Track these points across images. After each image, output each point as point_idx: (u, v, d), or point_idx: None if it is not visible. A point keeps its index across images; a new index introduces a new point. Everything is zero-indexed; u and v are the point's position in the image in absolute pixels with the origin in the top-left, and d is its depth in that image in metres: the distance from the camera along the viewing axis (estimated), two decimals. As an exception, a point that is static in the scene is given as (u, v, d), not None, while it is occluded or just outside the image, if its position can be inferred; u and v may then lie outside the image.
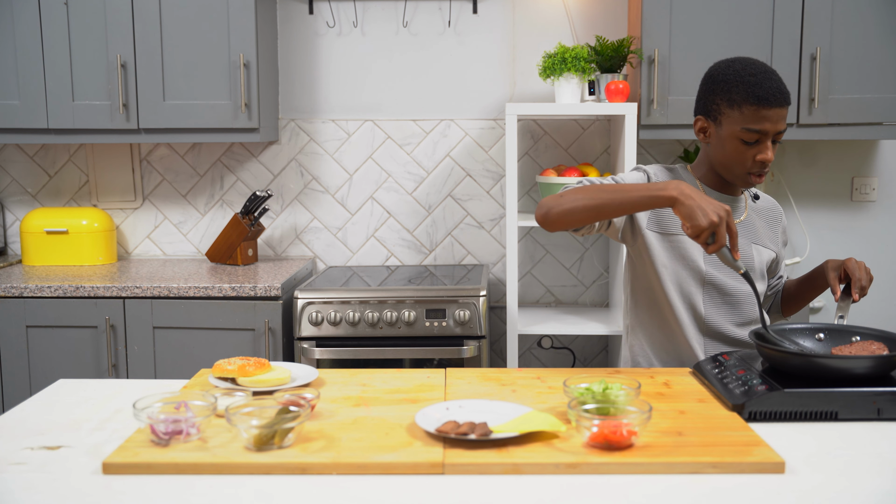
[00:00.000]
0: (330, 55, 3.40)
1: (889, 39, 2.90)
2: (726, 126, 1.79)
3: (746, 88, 1.75)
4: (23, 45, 3.03)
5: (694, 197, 1.57)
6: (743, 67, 1.78)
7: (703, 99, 1.85)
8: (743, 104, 1.75)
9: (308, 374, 1.69)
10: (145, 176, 3.48)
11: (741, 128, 1.76)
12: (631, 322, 1.98)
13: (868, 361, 1.52)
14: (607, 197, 1.66)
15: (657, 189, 1.61)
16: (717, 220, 1.55)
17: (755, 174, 1.80)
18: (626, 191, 1.65)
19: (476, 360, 2.86)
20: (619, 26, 3.33)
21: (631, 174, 1.89)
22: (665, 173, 1.92)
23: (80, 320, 2.88)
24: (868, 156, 3.38)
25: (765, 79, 1.75)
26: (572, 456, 1.30)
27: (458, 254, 3.47)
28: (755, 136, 1.75)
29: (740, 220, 1.92)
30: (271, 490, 1.23)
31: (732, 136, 1.78)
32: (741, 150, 1.78)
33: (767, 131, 1.75)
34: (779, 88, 1.75)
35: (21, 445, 1.41)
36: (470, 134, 3.41)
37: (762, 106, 1.73)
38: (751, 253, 1.92)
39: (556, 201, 1.71)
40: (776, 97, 1.74)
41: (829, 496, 1.21)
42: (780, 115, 1.75)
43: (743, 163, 1.79)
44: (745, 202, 1.96)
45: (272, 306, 2.86)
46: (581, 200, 1.68)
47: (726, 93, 1.78)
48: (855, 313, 3.36)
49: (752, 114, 1.74)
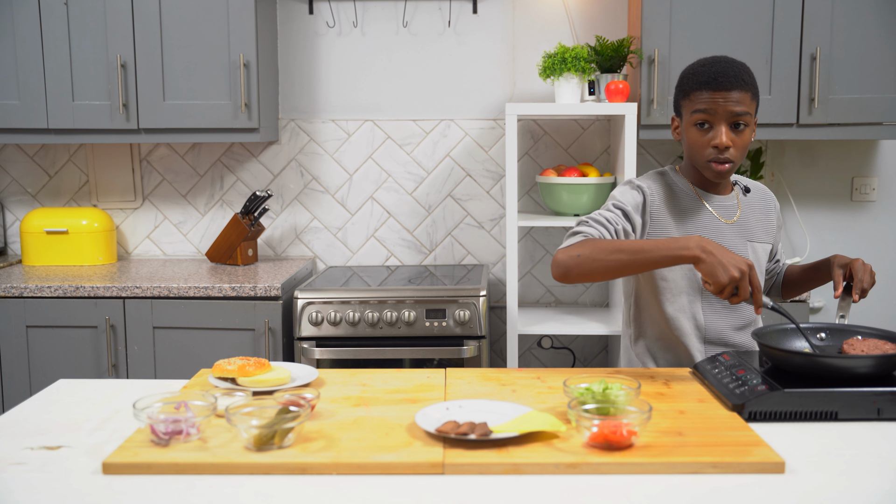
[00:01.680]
0: (330, 55, 3.40)
1: (889, 39, 2.90)
2: (685, 117, 1.85)
3: (693, 76, 1.82)
4: (23, 45, 3.03)
5: (715, 253, 1.58)
6: (701, 62, 1.85)
7: (674, 100, 1.92)
8: (691, 91, 1.82)
9: (308, 374, 1.69)
10: (145, 176, 3.48)
11: (691, 112, 1.81)
12: (633, 333, 1.98)
13: (870, 360, 1.52)
14: (628, 259, 1.66)
15: (679, 248, 1.62)
16: (739, 275, 1.56)
17: (714, 161, 1.81)
18: (648, 251, 1.65)
19: (476, 360, 2.85)
20: (619, 26, 3.33)
21: (626, 193, 1.87)
22: (656, 180, 1.92)
23: (80, 320, 2.88)
24: (868, 156, 3.38)
25: (713, 64, 1.80)
26: (572, 456, 1.30)
27: (458, 254, 3.47)
28: (703, 117, 1.79)
29: (734, 221, 1.92)
30: (271, 490, 1.23)
31: (689, 125, 1.83)
32: (697, 137, 1.81)
33: (716, 111, 1.77)
34: (724, 72, 1.78)
35: (21, 445, 1.41)
36: (470, 134, 3.41)
37: (706, 88, 1.78)
38: (747, 253, 1.92)
39: (574, 262, 1.69)
40: (722, 79, 1.77)
41: (829, 496, 1.21)
42: (728, 97, 1.77)
43: (701, 149, 1.82)
44: (738, 200, 1.96)
45: (272, 306, 2.86)
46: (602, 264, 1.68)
47: (682, 86, 1.86)
48: (855, 313, 3.36)
49: (697, 97, 1.80)
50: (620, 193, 1.87)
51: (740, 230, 1.93)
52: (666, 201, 1.88)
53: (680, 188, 1.91)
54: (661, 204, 1.87)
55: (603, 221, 1.78)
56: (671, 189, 1.91)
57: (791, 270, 2.12)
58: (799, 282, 2.09)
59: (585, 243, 1.71)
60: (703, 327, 1.89)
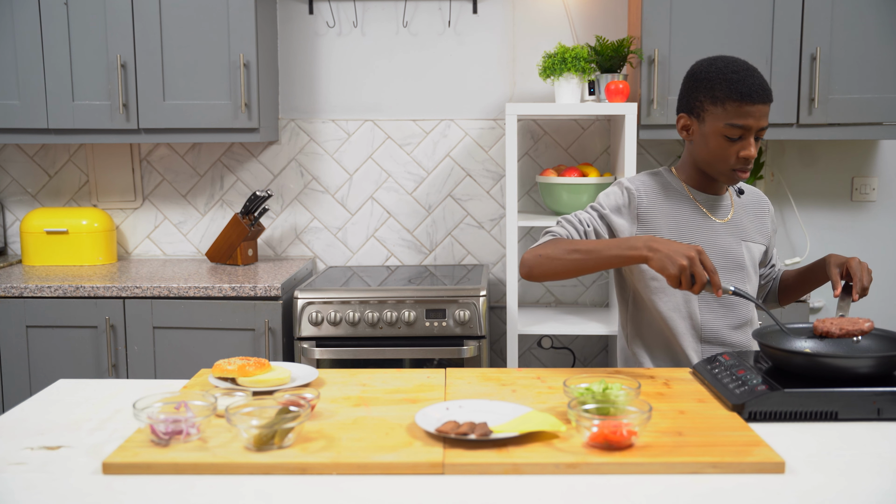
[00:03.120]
0: (330, 55, 3.40)
1: (889, 39, 2.90)
2: (710, 123, 1.80)
3: (730, 85, 1.76)
4: (23, 45, 3.03)
5: (660, 248, 1.63)
6: (725, 65, 1.80)
7: (686, 97, 1.87)
8: (726, 100, 1.77)
9: (308, 374, 1.69)
10: (145, 176, 3.48)
11: (724, 124, 1.77)
12: (630, 332, 1.98)
13: (871, 360, 1.52)
14: (582, 258, 1.72)
15: (628, 248, 1.67)
16: (687, 262, 1.59)
17: (739, 170, 1.81)
18: (599, 250, 1.70)
19: (476, 360, 2.85)
20: (619, 26, 3.33)
21: (610, 195, 1.89)
22: (649, 179, 1.92)
23: (80, 320, 2.88)
24: (868, 156, 3.38)
25: (747, 75, 1.77)
26: (572, 456, 1.30)
27: (458, 254, 3.47)
28: (738, 132, 1.77)
29: (727, 220, 1.93)
30: (271, 490, 1.23)
31: (716, 133, 1.79)
32: (725, 146, 1.79)
33: (750, 127, 1.77)
34: (761, 85, 1.77)
35: (21, 445, 1.41)
36: (470, 134, 3.41)
37: (745, 102, 1.75)
38: (741, 251, 1.93)
39: (536, 261, 1.76)
40: (759, 93, 1.76)
41: (829, 496, 1.21)
42: (762, 111, 1.77)
43: (727, 159, 1.80)
44: (731, 200, 1.97)
45: (272, 306, 2.86)
46: (560, 263, 1.74)
47: (709, 90, 1.79)
48: (855, 312, 3.36)
49: (735, 110, 1.76)
50: (604, 195, 1.90)
51: (734, 229, 1.93)
52: (658, 200, 1.88)
53: (673, 188, 1.92)
54: (651, 203, 1.87)
55: (574, 222, 1.81)
56: (664, 188, 1.91)
57: (786, 275, 2.11)
58: (795, 285, 2.08)
59: (549, 243, 1.76)
60: (699, 326, 1.88)
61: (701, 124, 1.83)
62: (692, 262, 1.59)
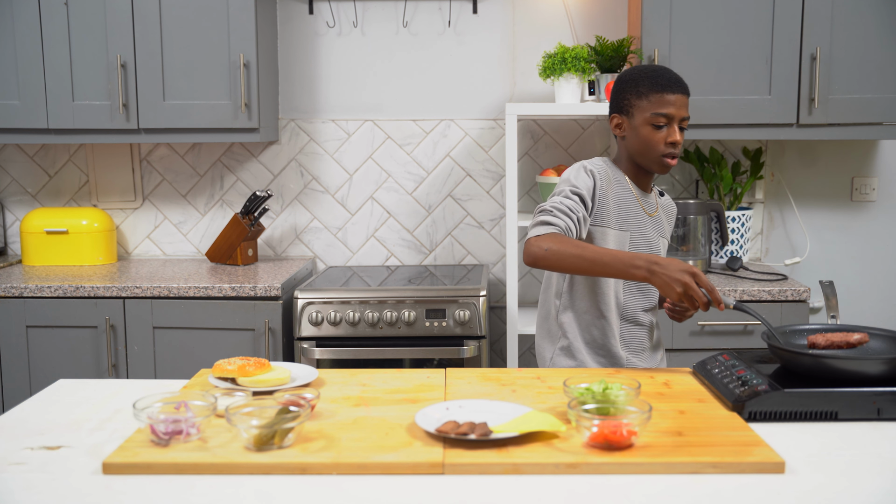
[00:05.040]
0: (330, 55, 3.40)
1: (889, 39, 2.90)
2: (638, 115, 1.98)
3: (651, 80, 1.97)
4: (23, 45, 3.03)
5: (659, 273, 1.73)
6: (646, 67, 2.02)
7: (616, 99, 2.04)
8: (650, 93, 1.96)
9: (308, 374, 1.69)
10: (145, 176, 3.48)
11: (651, 114, 1.96)
12: (562, 303, 2.07)
13: (880, 362, 1.52)
14: (587, 265, 1.82)
15: (630, 266, 1.78)
16: (682, 290, 1.69)
17: (668, 156, 1.98)
18: (605, 263, 1.81)
19: (476, 360, 2.85)
20: (619, 26, 3.33)
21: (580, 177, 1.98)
22: (604, 166, 2.03)
23: (80, 320, 2.88)
24: (868, 156, 3.38)
25: (665, 72, 1.98)
26: (572, 456, 1.30)
27: (458, 254, 3.47)
28: (663, 120, 1.95)
29: (654, 215, 2.08)
30: (271, 490, 1.23)
31: (644, 123, 1.97)
32: (653, 134, 1.96)
33: (673, 116, 1.95)
34: (677, 79, 1.98)
35: (21, 445, 1.41)
36: (470, 134, 3.41)
37: (665, 92, 1.95)
38: (660, 246, 2.08)
39: (542, 254, 1.85)
40: (677, 85, 1.96)
41: (829, 496, 1.21)
42: (681, 101, 1.96)
43: (657, 145, 1.97)
44: (656, 199, 2.11)
45: (272, 306, 2.86)
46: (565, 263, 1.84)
47: (634, 87, 1.99)
48: (855, 312, 3.36)
49: (657, 100, 1.95)
50: (575, 177, 1.98)
51: (657, 225, 2.09)
52: (610, 186, 2.00)
53: (618, 177, 2.05)
54: (605, 188, 1.99)
55: (566, 211, 1.91)
56: (613, 175, 2.04)
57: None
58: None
59: (555, 238, 1.86)
60: (621, 305, 2.04)
61: (631, 119, 2.00)
62: (686, 287, 1.69)
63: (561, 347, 2.06)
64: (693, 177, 3.39)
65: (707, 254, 3.06)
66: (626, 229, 2.01)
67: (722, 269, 3.14)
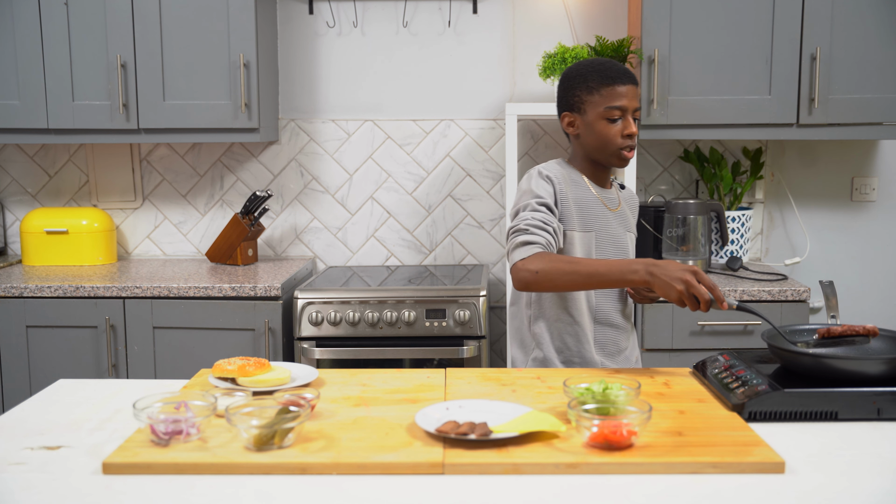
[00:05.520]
0: (330, 55, 3.40)
1: (889, 39, 2.90)
2: (591, 111, 1.95)
3: (599, 74, 1.94)
4: (23, 45, 3.03)
5: (658, 274, 1.69)
6: (591, 62, 1.99)
7: (565, 97, 2.00)
8: (601, 87, 1.93)
9: (308, 374, 1.69)
10: (145, 176, 3.48)
11: (604, 108, 1.93)
12: (533, 313, 2.02)
13: (881, 362, 1.52)
14: (582, 280, 1.79)
15: (629, 272, 1.74)
16: (683, 287, 1.66)
17: (626, 149, 1.95)
18: (601, 275, 1.77)
19: (476, 360, 2.85)
20: (619, 26, 3.33)
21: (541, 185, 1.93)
22: (560, 169, 1.99)
23: (80, 320, 2.88)
24: (868, 156, 3.38)
25: (612, 64, 1.96)
26: (572, 456, 1.30)
27: (458, 254, 3.47)
28: (617, 113, 1.93)
29: (617, 210, 2.04)
30: (271, 490, 1.23)
31: (598, 118, 1.94)
32: (609, 128, 1.93)
33: (626, 107, 1.93)
34: (625, 70, 1.95)
35: (21, 445, 1.41)
36: (470, 134, 3.41)
37: (616, 84, 1.92)
38: (627, 240, 2.05)
39: (534, 278, 1.80)
40: (626, 76, 1.94)
41: (829, 496, 1.21)
42: (632, 91, 1.94)
43: (613, 139, 1.94)
44: (617, 194, 2.08)
45: (272, 306, 2.86)
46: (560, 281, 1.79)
47: (584, 83, 1.96)
48: (855, 312, 3.36)
49: (609, 93, 1.93)
50: (536, 186, 1.93)
51: (622, 220, 2.05)
52: (568, 188, 1.96)
53: (575, 178, 2.00)
54: (565, 192, 1.95)
55: (541, 225, 1.86)
56: (570, 177, 1.99)
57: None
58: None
59: (542, 257, 1.80)
60: (593, 308, 1.99)
61: (583, 116, 1.96)
62: (688, 285, 1.66)
63: (534, 358, 2.00)
64: (693, 177, 3.39)
65: (707, 254, 3.06)
66: (591, 230, 1.97)
67: (722, 269, 3.14)
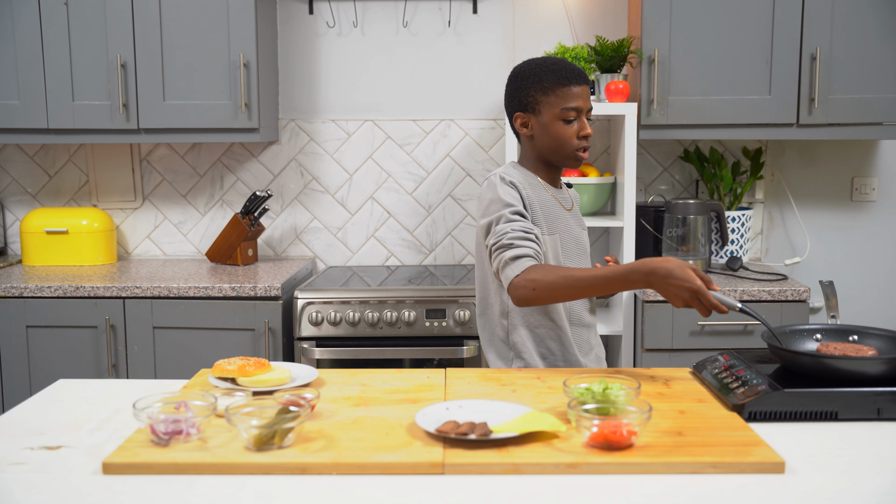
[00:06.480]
0: (330, 55, 3.40)
1: (889, 39, 2.90)
2: (546, 112, 1.92)
3: (554, 73, 1.92)
4: (23, 45, 3.03)
5: (656, 281, 1.65)
6: (543, 61, 1.95)
7: (517, 96, 1.96)
8: (556, 87, 1.91)
9: (308, 374, 1.69)
10: (145, 176, 3.48)
11: (560, 108, 1.91)
12: (509, 324, 1.98)
13: (880, 362, 1.52)
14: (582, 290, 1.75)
15: (634, 280, 1.69)
16: (690, 295, 1.63)
17: (582, 150, 1.94)
18: (601, 286, 1.73)
19: (476, 360, 2.86)
20: (619, 26, 3.33)
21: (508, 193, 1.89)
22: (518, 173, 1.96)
23: (80, 320, 2.88)
24: (868, 156, 3.38)
25: (565, 64, 1.94)
26: (572, 456, 1.30)
27: (458, 254, 3.47)
28: (573, 114, 1.91)
29: (572, 210, 2.04)
30: (271, 490, 1.23)
31: (554, 119, 1.92)
32: (565, 130, 1.92)
33: (581, 108, 1.92)
34: (580, 70, 1.94)
35: (21, 445, 1.41)
36: (470, 134, 3.41)
37: (572, 84, 1.91)
38: (584, 238, 2.06)
39: (533, 294, 1.75)
40: (580, 76, 1.93)
41: (829, 496, 1.21)
42: (586, 92, 1.93)
43: (569, 140, 1.93)
44: (569, 193, 2.09)
45: (272, 306, 2.86)
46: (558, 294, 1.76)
47: (538, 83, 1.92)
48: (855, 312, 3.36)
49: (565, 93, 1.91)
50: (504, 194, 1.88)
51: (577, 219, 2.05)
52: (528, 191, 1.94)
53: (531, 181, 1.97)
54: (529, 196, 1.93)
55: (523, 235, 1.82)
56: (527, 180, 1.97)
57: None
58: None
59: (536, 269, 1.76)
60: (568, 308, 1.99)
61: (538, 116, 1.94)
62: (695, 294, 1.62)
63: (517, 368, 1.95)
64: (693, 177, 3.39)
65: (707, 254, 3.06)
66: (554, 232, 1.94)
67: (722, 269, 3.14)
